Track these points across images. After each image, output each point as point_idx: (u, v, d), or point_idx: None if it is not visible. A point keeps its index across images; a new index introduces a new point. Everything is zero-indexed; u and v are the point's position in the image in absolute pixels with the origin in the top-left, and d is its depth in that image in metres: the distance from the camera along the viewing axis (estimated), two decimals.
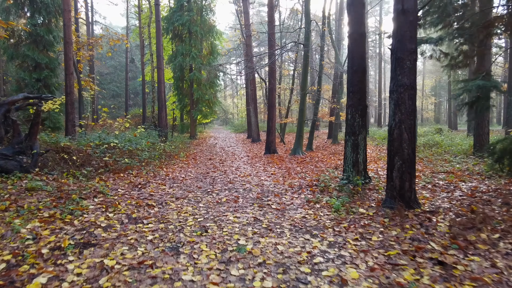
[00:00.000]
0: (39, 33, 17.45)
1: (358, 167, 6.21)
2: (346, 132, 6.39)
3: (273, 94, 12.48)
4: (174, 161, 10.44)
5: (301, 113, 11.45)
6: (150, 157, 9.76)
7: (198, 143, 18.65)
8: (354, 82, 6.21)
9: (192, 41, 20.52)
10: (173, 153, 11.92)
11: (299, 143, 11.53)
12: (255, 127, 19.09)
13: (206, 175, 8.15)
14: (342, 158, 11.11)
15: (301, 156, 11.31)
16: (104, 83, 43.47)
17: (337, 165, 9.11)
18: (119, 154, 9.21)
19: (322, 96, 15.14)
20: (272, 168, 9.15)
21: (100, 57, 42.44)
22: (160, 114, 14.92)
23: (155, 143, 11.36)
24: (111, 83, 44.88)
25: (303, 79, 11.51)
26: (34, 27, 17.47)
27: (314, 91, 14.08)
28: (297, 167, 9.12)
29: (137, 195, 5.85)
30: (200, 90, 20.64)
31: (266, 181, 7.28)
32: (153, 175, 7.88)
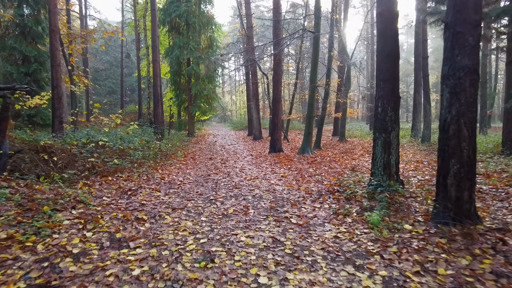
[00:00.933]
0: (27, 24, 16.32)
1: (390, 170, 5.21)
2: (376, 128, 5.38)
3: (279, 87, 11.46)
4: (171, 161, 9.41)
5: (310, 108, 10.45)
6: (144, 157, 8.73)
7: (197, 141, 17.61)
8: (385, 68, 5.20)
9: (190, 33, 19.42)
10: (169, 152, 10.89)
11: (308, 141, 10.52)
12: (257, 124, 18.06)
13: (207, 178, 7.13)
14: (356, 158, 10.16)
15: (310, 155, 10.31)
16: (99, 80, 42.31)
17: (353, 166, 8.11)
18: (109, 154, 8.17)
19: (333, 90, 14.12)
20: (281, 170, 8.14)
21: (95, 52, 41.23)
22: (156, 110, 13.86)
23: (150, 141, 10.33)
24: (107, 80, 43.70)
25: (312, 71, 10.49)
26: (21, 17, 16.33)
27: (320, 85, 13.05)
28: (309, 168, 8.11)
29: (126, 205, 4.82)
30: (199, 85, 19.58)
31: (278, 186, 6.26)
32: (147, 178, 6.84)
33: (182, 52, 19.16)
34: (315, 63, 10.37)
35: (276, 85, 11.48)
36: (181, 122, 21.50)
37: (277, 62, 11.28)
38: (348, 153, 10.89)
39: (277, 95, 11.50)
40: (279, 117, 11.59)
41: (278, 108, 11.57)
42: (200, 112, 20.30)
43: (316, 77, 10.48)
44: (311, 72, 10.52)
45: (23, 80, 16.46)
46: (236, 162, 9.72)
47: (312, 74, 10.48)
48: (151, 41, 14.45)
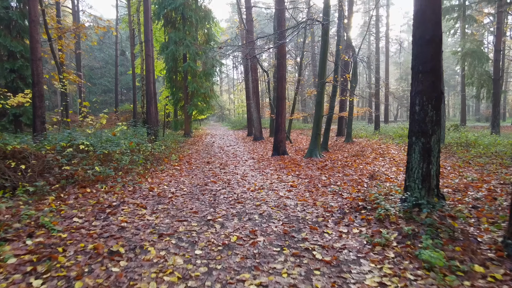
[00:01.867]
0: (12, 17, 15.19)
1: (430, 183, 4.20)
2: (412, 131, 4.37)
3: (283, 84, 10.44)
4: (164, 167, 8.37)
5: (318, 106, 9.43)
6: (132, 162, 7.68)
7: (194, 142, 16.56)
8: (425, 57, 4.19)
9: (186, 28, 18.36)
10: (162, 156, 9.85)
11: (316, 143, 9.51)
12: (257, 124, 17.03)
13: (204, 189, 6.10)
14: (370, 162, 9.14)
15: (319, 159, 9.30)
16: (94, 78, 41.19)
17: (371, 173, 7.10)
18: (92, 159, 7.12)
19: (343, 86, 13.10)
20: (288, 177, 7.11)
21: (89, 49, 40.05)
22: (149, 109, 12.80)
23: (141, 144, 9.28)
24: (102, 78, 42.56)
25: (321, 65, 9.46)
26: (6, 10, 15.22)
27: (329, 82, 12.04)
28: (321, 176, 7.09)
29: (100, 230, 3.79)
30: (195, 83, 18.52)
31: (289, 200, 5.24)
32: (132, 189, 5.80)
33: (178, 47, 18.10)
34: (324, 56, 9.35)
35: (280, 81, 10.46)
36: (177, 122, 20.45)
37: (281, 55, 10.25)
38: (360, 157, 9.89)
39: (281, 93, 10.47)
40: (283, 117, 10.57)
41: (282, 106, 10.55)
42: (197, 111, 19.25)
43: (325, 72, 9.46)
44: (319, 67, 9.50)
45: (8, 77, 15.36)
46: (237, 167, 8.70)
47: (320, 69, 9.46)
48: (144, 34, 13.38)
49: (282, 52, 10.30)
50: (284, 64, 10.42)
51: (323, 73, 9.41)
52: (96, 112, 41.90)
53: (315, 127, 9.51)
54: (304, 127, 30.52)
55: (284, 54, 10.39)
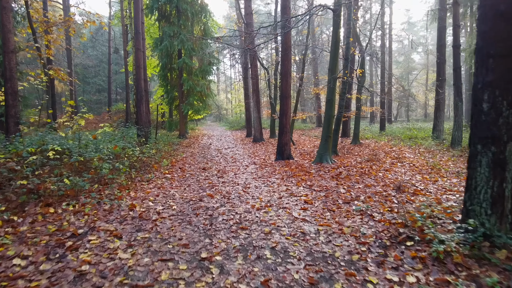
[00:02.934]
0: None
1: (504, 208, 3.09)
2: (476, 136, 3.25)
3: (287, 80, 9.31)
4: (152, 175, 7.21)
5: (329, 105, 8.30)
6: (114, 171, 6.52)
7: (189, 144, 15.40)
8: (499, 36, 3.08)
9: (181, 22, 17.19)
10: (152, 161, 8.70)
11: (326, 146, 8.37)
12: (257, 124, 15.90)
13: (197, 206, 4.94)
14: (389, 169, 7.98)
15: (330, 165, 8.19)
16: (88, 77, 39.92)
17: (397, 184, 6.00)
18: (66, 168, 5.97)
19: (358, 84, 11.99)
20: (299, 188, 5.99)
21: (81, 47, 38.75)
22: (139, 108, 11.63)
23: (128, 148, 8.11)
24: (96, 77, 41.27)
25: (332, 58, 8.33)
26: None
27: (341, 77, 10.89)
28: (338, 187, 5.97)
29: (47, 281, 2.65)
30: (191, 80, 17.35)
31: (306, 223, 4.11)
32: (108, 208, 4.65)
33: (172, 42, 16.92)
34: (335, 48, 8.22)
35: (284, 77, 9.32)
36: (171, 122, 19.26)
37: (286, 48, 9.12)
38: (375, 162, 8.78)
39: (286, 90, 9.34)
40: (287, 117, 9.44)
41: (287, 105, 9.42)
42: (192, 110, 18.09)
43: (337, 66, 8.34)
44: (330, 60, 8.38)
45: None
46: (237, 175, 7.56)
47: (332, 62, 8.33)
48: (134, 27, 12.21)
49: (287, 43, 9.17)
50: (289, 57, 9.29)
51: (335, 66, 8.29)
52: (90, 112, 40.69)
53: (325, 128, 8.38)
54: (305, 127, 29.45)
55: (289, 46, 9.26)
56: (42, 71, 15.50)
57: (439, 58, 13.50)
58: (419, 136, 15.59)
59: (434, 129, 14.41)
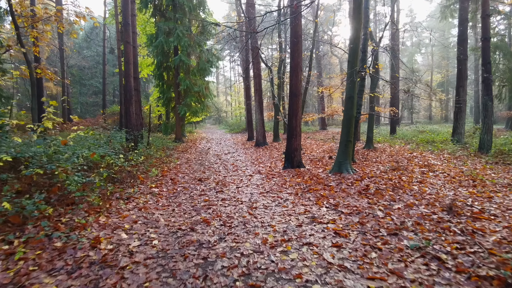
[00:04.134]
0: None
1: None
2: None
3: (298, 75, 7.98)
4: (135, 190, 5.85)
5: (350, 103, 6.94)
6: (86, 185, 5.16)
7: (185, 148, 14.05)
8: None
9: (178, 16, 15.88)
10: (138, 172, 7.35)
11: (346, 153, 7.01)
12: (260, 127, 14.56)
13: (188, 241, 3.56)
14: (423, 180, 6.50)
15: (352, 175, 6.82)
16: (85, 79, 38.67)
17: (448, 204, 4.66)
18: (22, 184, 4.61)
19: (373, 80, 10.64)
20: (321, 209, 4.63)
21: (77, 47, 37.51)
22: (128, 109, 10.29)
23: (108, 155, 6.76)
24: (93, 79, 40.01)
25: (352, 48, 7.00)
26: None
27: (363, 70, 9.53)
28: (374, 209, 4.60)
29: None
30: (188, 80, 16.02)
31: (348, 276, 2.73)
32: (60, 247, 3.27)
33: (168, 39, 15.62)
34: (356, 37, 6.89)
35: (294, 72, 7.99)
36: (167, 125, 17.90)
37: (295, 38, 7.79)
38: (402, 171, 7.44)
39: (296, 87, 8.00)
40: (298, 118, 8.10)
41: (297, 105, 8.08)
42: (190, 112, 16.74)
43: (358, 58, 7.00)
44: (350, 51, 7.03)
45: None
46: (240, 188, 6.19)
47: (351, 53, 6.99)
48: (122, 16, 10.89)
49: (297, 32, 7.85)
50: (300, 49, 7.96)
51: (356, 58, 6.95)
52: (86, 115, 39.30)
53: (345, 131, 7.02)
54: (308, 130, 28.15)
55: (300, 36, 7.93)
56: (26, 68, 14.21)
57: (461, 54, 12.19)
58: (439, 139, 14.25)
59: (454, 132, 13.08)
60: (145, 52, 22.41)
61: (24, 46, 14.41)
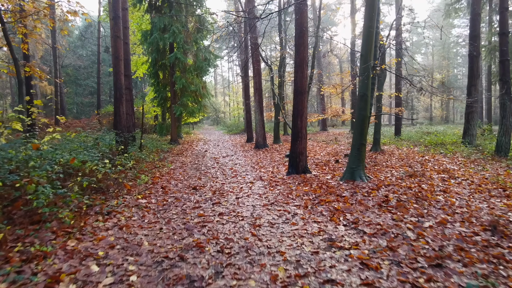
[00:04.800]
0: None
1: None
2: None
3: (304, 72, 7.23)
4: (118, 202, 5.07)
5: (363, 102, 6.18)
6: (60, 199, 4.37)
7: (181, 151, 13.27)
8: None
9: (174, 12, 15.10)
10: (126, 179, 6.56)
11: (359, 158, 6.24)
12: (260, 128, 13.79)
13: (174, 275, 2.78)
14: (446, 189, 5.83)
15: (366, 183, 6.06)
16: (80, 79, 37.81)
17: (492, 222, 3.91)
18: None
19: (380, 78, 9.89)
20: (339, 229, 3.86)
21: (72, 46, 36.67)
22: (117, 109, 9.50)
23: (91, 161, 5.97)
24: (89, 79, 39.15)
25: (365, 40, 6.24)
26: None
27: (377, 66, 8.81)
28: (401, 227, 3.84)
29: None
30: (184, 78, 15.23)
31: None
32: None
33: (163, 35, 14.84)
34: (370, 25, 6.14)
35: (300, 67, 7.22)
36: (162, 126, 17.09)
37: (300, 31, 7.03)
38: (419, 177, 6.69)
39: (301, 84, 7.24)
40: (303, 119, 7.34)
41: (303, 104, 7.32)
42: (186, 112, 15.92)
43: (372, 51, 6.25)
44: (363, 43, 6.28)
45: None
46: (240, 199, 5.42)
47: (365, 45, 6.23)
48: (112, 9, 10.11)
49: (303, 25, 7.09)
50: (306, 42, 7.20)
51: (369, 51, 6.20)
52: (82, 115, 38.38)
53: (357, 134, 6.26)
54: (308, 131, 27.37)
55: (306, 29, 7.17)
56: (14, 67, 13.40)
57: (474, 50, 11.48)
58: (450, 141, 13.52)
59: (465, 134, 12.37)
60: (140, 51, 21.57)
61: (10, 43, 13.58)
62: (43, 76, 16.34)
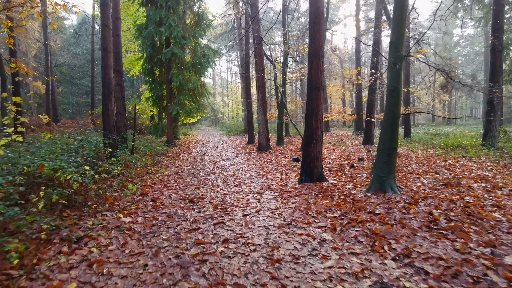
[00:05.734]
0: None
1: None
2: None
3: (320, 63, 6.20)
4: (98, 219, 4.01)
5: (394, 96, 5.11)
6: (7, 224, 3.31)
7: (177, 153, 12.21)
8: None
9: (170, 4, 14.05)
10: (110, 189, 5.50)
11: (389, 165, 5.20)
12: (263, 129, 12.75)
13: None
14: (499, 203, 4.73)
15: (399, 195, 5.02)
16: (75, 78, 36.67)
17: None
18: None
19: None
20: (387, 266, 2.83)
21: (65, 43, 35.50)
22: (105, 107, 8.44)
23: (64, 168, 4.92)
24: (84, 78, 38.00)
25: (395, 24, 5.22)
26: None
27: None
28: (479, 267, 2.81)
29: None
30: (181, 75, 14.18)
31: None
32: None
33: (159, 29, 13.78)
34: (401, 8, 5.13)
35: (315, 58, 6.19)
36: (157, 126, 15.99)
37: (315, 15, 6.00)
38: (458, 187, 5.66)
39: (317, 78, 6.21)
40: (319, 118, 6.30)
41: (318, 100, 6.28)
42: (183, 112, 14.86)
43: (404, 38, 5.23)
44: (394, 30, 5.24)
45: None
46: (249, 218, 4.36)
47: (396, 30, 5.20)
48: None
49: (318, 9, 6.06)
50: (322, 28, 6.17)
51: (401, 39, 5.18)
52: (77, 115, 37.18)
53: (387, 136, 5.22)
54: None
55: (322, 13, 6.14)
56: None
57: (499, 44, 10.50)
58: (468, 143, 12.51)
59: (486, 135, 11.39)
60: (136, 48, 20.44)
61: None
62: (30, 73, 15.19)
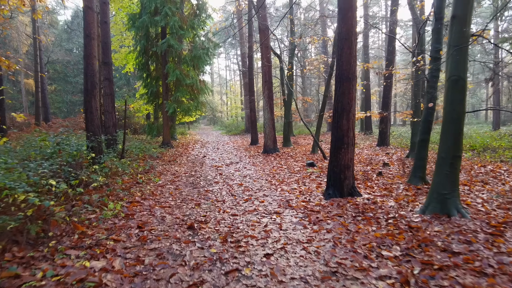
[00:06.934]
0: None
1: None
2: None
3: (351, 47, 4.92)
4: (51, 269, 2.71)
5: (457, 89, 3.81)
6: None
7: (174, 156, 10.90)
8: None
9: None
10: (79, 212, 4.20)
11: (453, 178, 3.87)
12: (270, 129, 11.46)
13: None
14: None
15: (475, 223, 3.74)
16: (70, 76, 35.22)
17: None
18: None
19: None
20: None
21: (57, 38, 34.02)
22: (88, 104, 7.12)
23: (13, 185, 3.65)
24: (78, 76, 36.56)
25: None
26: None
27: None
28: None
29: None
30: (179, 70, 12.85)
31: None
32: None
33: (153, 18, 12.44)
34: None
35: (346, 42, 4.90)
36: (152, 126, 14.63)
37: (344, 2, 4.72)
38: None
39: (349, 66, 4.93)
40: (351, 116, 5.01)
41: (351, 94, 5.00)
42: (181, 110, 13.54)
43: (471, 11, 3.94)
44: (457, 1, 3.96)
45: None
46: (274, 261, 3.08)
47: (460, 3, 3.92)
48: None
49: None
50: (354, 5, 4.90)
51: (468, 12, 3.90)
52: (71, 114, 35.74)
53: (449, 140, 3.93)
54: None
55: None
56: None
57: None
58: (493, 145, 11.24)
59: None
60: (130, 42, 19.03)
61: None
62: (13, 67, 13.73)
